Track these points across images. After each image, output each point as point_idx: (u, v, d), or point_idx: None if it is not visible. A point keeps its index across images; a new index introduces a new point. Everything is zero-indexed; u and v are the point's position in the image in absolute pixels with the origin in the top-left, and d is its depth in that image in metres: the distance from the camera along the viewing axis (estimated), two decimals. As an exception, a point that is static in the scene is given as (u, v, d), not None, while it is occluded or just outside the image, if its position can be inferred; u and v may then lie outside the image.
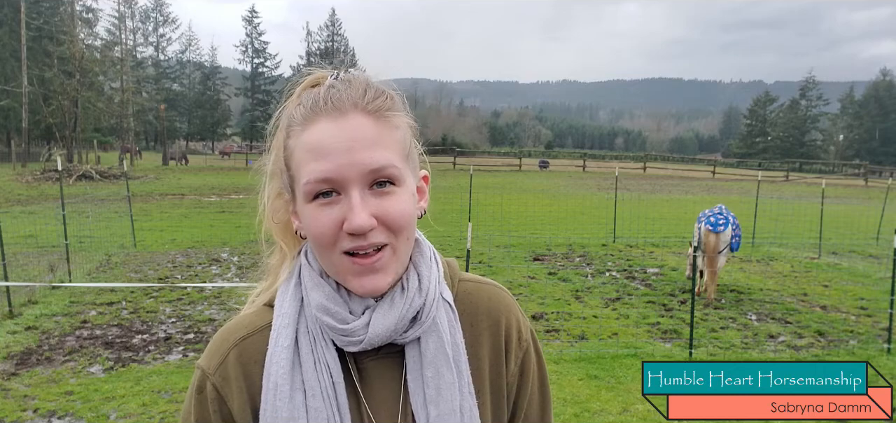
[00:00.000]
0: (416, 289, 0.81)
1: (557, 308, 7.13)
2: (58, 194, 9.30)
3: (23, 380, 4.78)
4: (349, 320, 0.78)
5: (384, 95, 0.79)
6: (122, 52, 48.22)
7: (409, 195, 0.79)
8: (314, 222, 0.76)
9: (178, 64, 74.00)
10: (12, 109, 37.60)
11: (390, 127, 0.78)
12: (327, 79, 0.81)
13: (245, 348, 0.82)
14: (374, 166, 0.75)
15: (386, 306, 0.79)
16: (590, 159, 58.54)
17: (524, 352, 0.91)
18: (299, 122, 0.78)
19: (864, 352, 5.79)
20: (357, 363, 0.82)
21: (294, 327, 0.80)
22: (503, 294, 0.92)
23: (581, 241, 12.06)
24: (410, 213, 0.79)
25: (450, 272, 0.90)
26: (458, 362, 0.82)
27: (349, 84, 0.78)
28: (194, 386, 0.82)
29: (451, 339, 0.82)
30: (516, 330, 0.90)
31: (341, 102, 0.76)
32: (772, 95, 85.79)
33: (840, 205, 21.84)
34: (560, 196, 22.84)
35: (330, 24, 70.78)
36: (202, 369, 0.82)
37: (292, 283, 0.83)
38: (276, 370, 0.78)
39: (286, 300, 0.82)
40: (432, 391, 0.79)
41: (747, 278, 9.09)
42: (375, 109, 0.77)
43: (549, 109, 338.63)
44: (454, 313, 0.85)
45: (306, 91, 0.81)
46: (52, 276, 7.92)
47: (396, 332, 0.79)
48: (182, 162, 39.78)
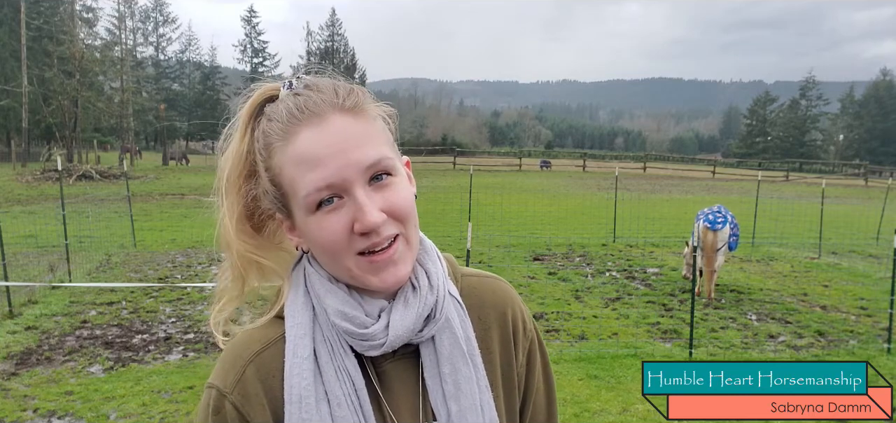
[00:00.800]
0: (427, 286, 0.81)
1: (557, 308, 7.13)
2: (58, 194, 9.30)
3: (23, 380, 4.78)
4: (368, 324, 0.78)
5: (354, 91, 0.79)
6: (122, 51, 48.19)
7: (405, 182, 0.80)
8: (322, 230, 0.75)
9: (178, 64, 74.03)
10: (12, 108, 37.58)
11: (369, 119, 0.78)
12: (280, 90, 0.80)
13: (262, 362, 0.79)
14: (370, 162, 0.75)
15: (401, 307, 0.79)
16: (590, 159, 58.49)
17: (530, 342, 0.92)
18: (279, 137, 0.76)
19: (864, 352, 5.79)
20: (375, 367, 0.81)
21: (310, 336, 0.79)
22: (506, 286, 0.93)
23: (581, 241, 12.06)
24: (411, 199, 0.79)
25: (451, 268, 0.91)
26: (473, 356, 0.82)
27: (317, 88, 0.77)
28: (210, 407, 0.78)
29: (463, 334, 0.83)
30: (521, 321, 0.91)
31: (317, 106, 0.75)
32: (772, 95, 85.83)
33: (840, 205, 21.84)
34: (560, 196, 22.83)
35: (330, 23, 70.72)
36: (217, 388, 0.78)
37: (300, 292, 0.81)
38: (298, 382, 0.76)
39: (298, 311, 0.80)
40: (451, 387, 0.80)
41: (747, 278, 9.09)
42: (352, 105, 0.77)
43: (549, 108, 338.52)
44: (463, 308, 0.85)
45: (268, 106, 0.79)
46: (52, 276, 7.93)
47: (414, 331, 0.79)
48: (183, 162, 39.77)
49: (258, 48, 73.81)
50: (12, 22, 38.46)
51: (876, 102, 74.45)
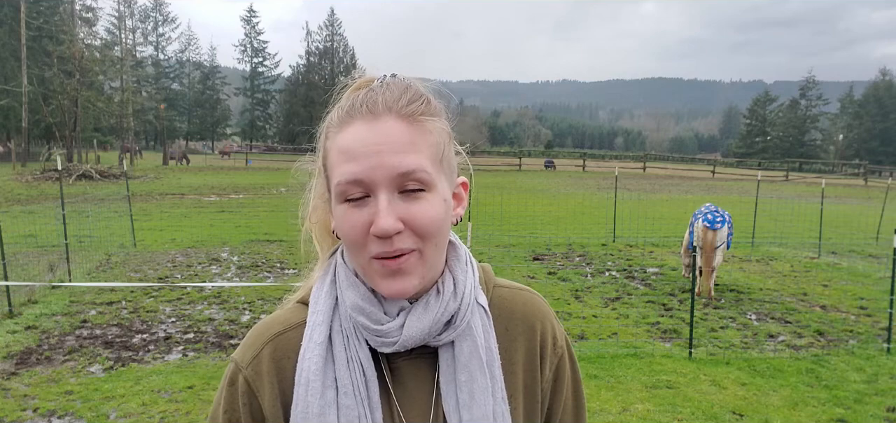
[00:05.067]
0: (451, 293, 0.81)
1: (557, 308, 7.13)
2: (58, 194, 9.30)
3: (23, 380, 4.78)
4: (383, 321, 0.79)
5: (421, 98, 0.79)
6: (121, 51, 48.26)
7: (440, 201, 0.78)
8: (344, 223, 0.76)
9: (178, 63, 74.06)
10: (12, 108, 37.59)
11: (423, 131, 0.77)
12: (374, 82, 0.82)
13: (279, 344, 0.83)
14: (403, 170, 0.74)
15: (420, 309, 0.79)
16: (589, 159, 58.56)
17: (559, 358, 0.91)
18: (336, 124, 0.79)
19: (864, 352, 5.79)
20: (389, 363, 0.82)
21: (328, 324, 0.81)
22: (539, 300, 0.92)
23: (581, 241, 12.06)
24: (441, 219, 0.78)
25: (485, 278, 0.91)
26: (492, 366, 0.82)
27: (388, 88, 0.79)
28: (227, 378, 0.84)
29: (484, 343, 0.82)
30: (551, 337, 0.90)
31: (376, 105, 0.77)
32: (771, 94, 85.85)
33: (840, 205, 21.84)
34: (560, 196, 22.84)
35: (329, 23, 70.70)
36: (236, 362, 0.84)
37: (327, 280, 0.84)
38: (308, 366, 0.78)
39: (321, 298, 0.83)
40: (465, 395, 0.79)
41: (747, 277, 9.09)
42: (409, 113, 0.77)
43: (548, 108, 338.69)
44: (489, 317, 0.85)
45: (352, 94, 0.83)
46: (51, 275, 7.93)
47: (430, 334, 0.79)
48: (183, 162, 39.77)
49: (258, 48, 73.82)
50: (12, 22, 38.45)
51: (875, 101, 74.47)
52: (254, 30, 73.33)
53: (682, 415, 4.38)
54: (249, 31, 73.23)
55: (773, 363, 5.41)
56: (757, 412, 4.43)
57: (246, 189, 23.01)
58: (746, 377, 5.10)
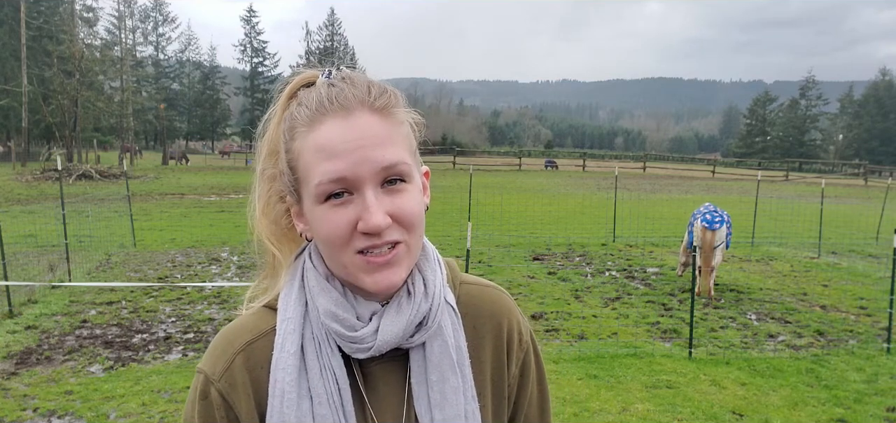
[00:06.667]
0: (422, 294, 0.80)
1: (557, 308, 7.13)
2: (58, 194, 9.30)
3: (22, 379, 4.78)
4: (357, 327, 0.78)
5: (387, 92, 0.79)
6: (121, 51, 48.25)
7: (418, 191, 0.79)
8: (326, 223, 0.75)
9: (178, 63, 74.01)
10: (12, 108, 37.59)
11: (396, 123, 0.78)
12: (318, 77, 0.80)
13: (252, 353, 0.81)
14: (386, 164, 0.74)
15: (393, 312, 0.78)
16: (589, 159, 58.55)
17: (525, 353, 0.91)
18: (304, 122, 0.77)
19: (864, 352, 5.79)
20: (362, 368, 0.81)
21: (300, 332, 0.79)
22: (504, 297, 0.92)
23: (581, 240, 12.06)
24: (421, 209, 0.79)
25: (451, 275, 0.90)
26: (462, 366, 0.82)
27: (352, 82, 0.78)
28: (197, 391, 0.80)
29: (455, 343, 0.82)
30: (517, 332, 0.90)
31: (347, 100, 0.75)
32: (771, 94, 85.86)
33: (840, 205, 21.84)
34: (560, 196, 22.83)
35: (329, 23, 70.71)
36: (205, 373, 0.80)
37: (295, 286, 0.82)
38: (282, 377, 0.77)
39: (290, 305, 0.81)
40: (437, 395, 0.79)
41: (747, 277, 9.09)
42: (382, 106, 0.77)
43: (548, 108, 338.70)
44: (457, 316, 0.85)
45: (302, 91, 0.80)
46: (51, 275, 7.93)
47: (404, 338, 0.78)
48: (183, 162, 39.78)
49: (258, 48, 73.77)
50: (12, 22, 38.47)
51: (875, 101, 74.48)
52: (254, 30, 73.25)
53: (681, 415, 4.38)
54: (249, 31, 73.15)
55: (772, 363, 5.41)
56: (757, 412, 4.43)
57: (246, 189, 22.90)
58: (746, 377, 5.10)
